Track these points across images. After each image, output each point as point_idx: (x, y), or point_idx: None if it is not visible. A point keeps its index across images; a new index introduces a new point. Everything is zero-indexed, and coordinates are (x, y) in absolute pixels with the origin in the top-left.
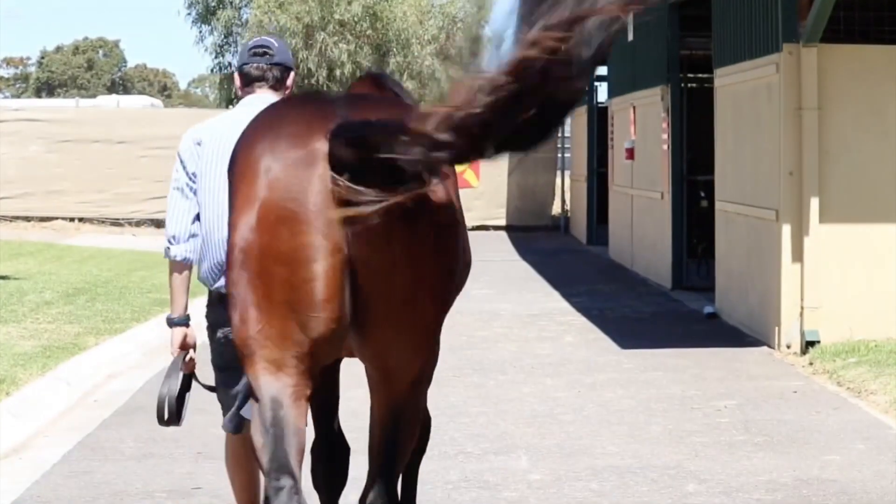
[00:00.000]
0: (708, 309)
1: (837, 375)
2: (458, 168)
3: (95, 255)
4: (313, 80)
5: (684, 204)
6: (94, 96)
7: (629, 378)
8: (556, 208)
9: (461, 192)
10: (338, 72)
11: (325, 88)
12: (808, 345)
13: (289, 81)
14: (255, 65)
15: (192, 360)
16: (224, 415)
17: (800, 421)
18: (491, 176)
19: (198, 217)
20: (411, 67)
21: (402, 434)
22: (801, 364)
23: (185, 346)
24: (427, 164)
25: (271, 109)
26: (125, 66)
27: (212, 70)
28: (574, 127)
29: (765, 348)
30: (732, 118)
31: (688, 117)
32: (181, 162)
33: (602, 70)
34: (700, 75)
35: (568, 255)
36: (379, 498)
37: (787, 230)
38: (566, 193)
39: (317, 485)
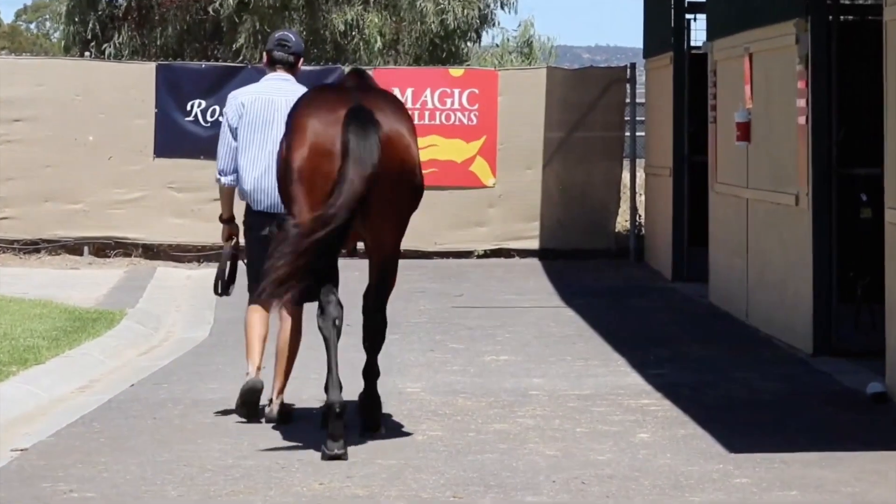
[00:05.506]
0: (874, 387)
1: None
2: (465, 156)
3: None
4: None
5: (834, 213)
6: None
7: (744, 500)
8: (623, 221)
9: (471, 192)
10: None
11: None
12: None
13: (299, 64)
14: (279, 52)
15: (236, 243)
16: (249, 286)
17: None
18: (515, 170)
19: (235, 157)
20: None
21: (388, 275)
22: None
23: (231, 236)
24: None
25: (314, 91)
26: None
27: None
28: (650, 86)
29: None
30: None
31: (840, 71)
32: (227, 119)
33: None
34: (859, 1)
35: (641, 299)
36: (376, 306)
37: None
38: (638, 196)
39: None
